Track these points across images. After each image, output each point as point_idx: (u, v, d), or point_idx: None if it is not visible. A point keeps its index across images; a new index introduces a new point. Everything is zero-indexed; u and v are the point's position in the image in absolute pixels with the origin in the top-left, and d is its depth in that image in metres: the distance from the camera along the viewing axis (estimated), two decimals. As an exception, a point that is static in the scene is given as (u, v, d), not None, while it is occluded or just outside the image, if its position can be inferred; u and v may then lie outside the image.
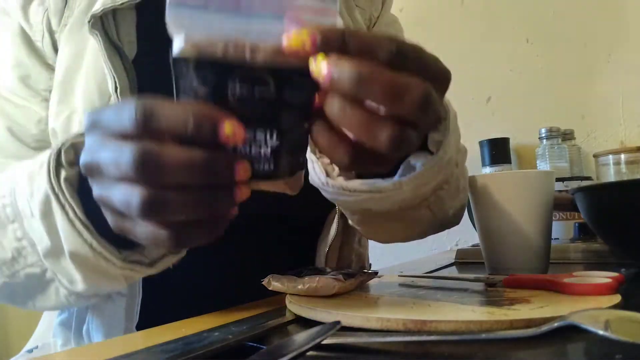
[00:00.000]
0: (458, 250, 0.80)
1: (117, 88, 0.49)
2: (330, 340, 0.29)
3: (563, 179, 0.96)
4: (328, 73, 0.29)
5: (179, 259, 0.44)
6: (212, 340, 0.33)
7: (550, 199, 0.54)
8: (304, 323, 0.36)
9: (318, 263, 0.60)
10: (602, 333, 0.25)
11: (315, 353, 0.29)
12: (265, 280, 0.43)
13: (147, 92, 0.51)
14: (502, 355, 0.27)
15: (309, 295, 0.40)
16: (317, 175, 0.42)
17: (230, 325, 0.38)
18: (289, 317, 0.39)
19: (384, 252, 1.09)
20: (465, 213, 0.56)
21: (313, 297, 0.40)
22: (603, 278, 0.38)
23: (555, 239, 0.81)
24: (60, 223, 0.39)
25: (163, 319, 0.42)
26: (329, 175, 0.42)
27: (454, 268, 0.72)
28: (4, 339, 1.57)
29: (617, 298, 0.35)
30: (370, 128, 0.30)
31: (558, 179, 0.94)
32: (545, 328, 0.28)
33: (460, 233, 1.26)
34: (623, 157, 0.98)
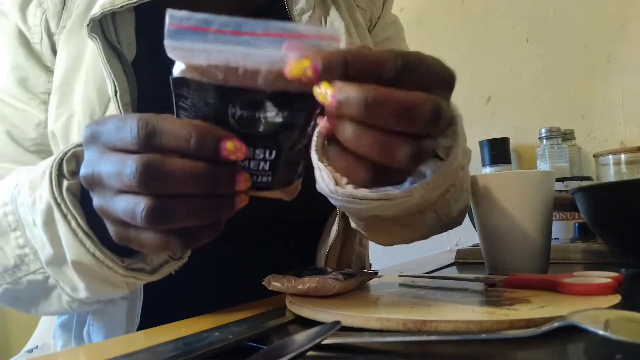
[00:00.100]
0: (458, 250, 0.80)
1: (116, 92, 0.48)
2: (330, 340, 0.29)
3: (563, 179, 0.96)
4: (334, 101, 0.29)
5: (180, 266, 0.44)
6: (212, 340, 0.33)
7: (550, 199, 0.54)
8: (304, 323, 0.36)
9: (318, 263, 0.60)
10: (602, 333, 0.25)
11: (315, 353, 0.29)
12: (265, 280, 0.43)
13: (147, 94, 0.51)
14: (502, 355, 0.27)
15: (309, 295, 0.40)
16: (325, 184, 0.41)
17: (230, 325, 0.38)
18: (289, 317, 0.39)
19: (384, 252, 1.08)
20: (466, 213, 0.56)
21: (313, 297, 0.40)
22: (603, 278, 0.38)
23: (555, 239, 0.81)
24: (63, 232, 0.39)
25: (164, 321, 0.42)
26: (338, 184, 0.41)
27: (454, 268, 0.72)
28: (4, 339, 1.57)
29: (617, 298, 0.35)
30: (386, 148, 0.30)
31: (558, 179, 0.94)
32: (545, 328, 0.28)
33: (460, 233, 1.26)
34: (623, 157, 0.98)
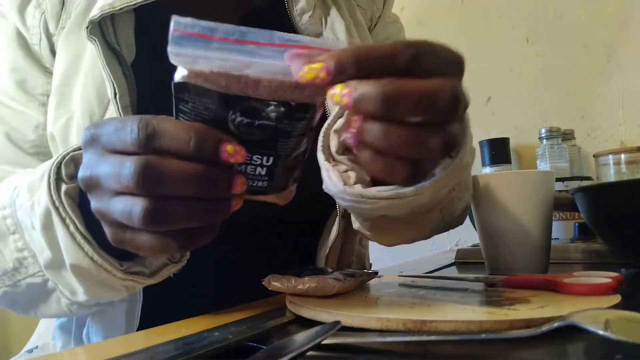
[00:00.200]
0: (458, 250, 0.80)
1: (116, 94, 0.48)
2: (330, 340, 0.29)
3: (563, 179, 0.96)
4: (350, 100, 0.28)
5: (179, 269, 0.44)
6: (212, 340, 0.33)
7: (550, 199, 0.54)
8: (304, 323, 0.36)
9: (318, 263, 0.60)
10: (602, 333, 0.25)
11: (315, 353, 0.29)
12: (265, 280, 0.43)
13: (147, 95, 0.51)
14: (502, 355, 0.27)
15: (309, 295, 0.40)
16: (333, 184, 0.41)
17: (230, 325, 0.38)
18: (289, 317, 0.39)
19: (384, 252, 1.08)
20: (465, 213, 0.55)
21: (313, 297, 0.40)
22: (603, 278, 0.38)
23: (555, 239, 0.81)
24: (61, 236, 0.39)
25: (163, 323, 0.41)
26: (346, 184, 0.41)
27: (454, 268, 0.72)
28: (4, 339, 1.57)
29: (617, 298, 0.35)
30: (417, 140, 0.30)
31: (558, 179, 0.94)
32: (545, 328, 0.28)
33: (460, 233, 1.26)
34: (623, 157, 0.98)
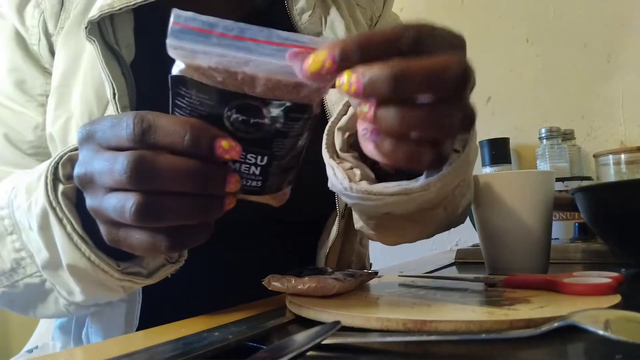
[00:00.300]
0: (458, 250, 0.80)
1: (114, 94, 0.48)
2: (330, 340, 0.29)
3: (563, 179, 0.96)
4: (359, 86, 0.28)
5: (177, 269, 0.44)
6: (212, 340, 0.33)
7: (550, 199, 0.54)
8: (304, 323, 0.36)
9: (318, 263, 0.60)
10: (602, 333, 0.25)
11: (315, 353, 0.29)
12: (265, 280, 0.43)
13: (146, 95, 0.51)
14: (502, 355, 0.27)
15: (309, 295, 0.40)
16: (338, 181, 0.41)
17: (230, 325, 0.38)
18: (289, 317, 0.39)
19: (384, 252, 1.08)
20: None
21: (313, 297, 0.40)
22: (603, 278, 0.38)
23: (555, 239, 0.81)
24: (58, 236, 0.39)
25: (163, 323, 0.41)
26: (352, 181, 0.40)
27: (454, 268, 0.72)
28: (4, 339, 1.57)
29: (617, 298, 0.35)
30: (435, 118, 0.29)
31: (558, 179, 0.94)
32: (545, 328, 0.28)
33: (460, 233, 1.26)
34: (623, 157, 0.98)
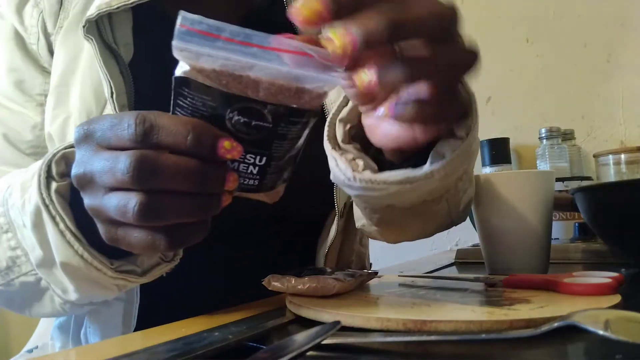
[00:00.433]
0: (458, 250, 0.80)
1: (112, 93, 0.48)
2: (330, 340, 0.29)
3: (563, 179, 0.96)
4: (355, 42, 0.27)
5: (172, 268, 0.44)
6: (212, 340, 0.33)
7: (550, 199, 0.54)
8: (304, 323, 0.36)
9: (318, 263, 0.60)
10: (602, 333, 0.25)
11: (315, 353, 0.29)
12: (265, 280, 0.43)
13: (144, 95, 0.51)
14: (502, 355, 0.27)
15: (309, 295, 0.40)
16: (341, 172, 0.40)
17: (230, 325, 0.38)
18: (289, 317, 0.39)
19: (384, 251, 1.09)
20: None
21: (313, 297, 0.40)
22: (603, 278, 0.38)
23: (555, 239, 0.81)
24: (51, 234, 0.39)
25: (161, 323, 0.41)
26: (355, 170, 0.40)
27: (454, 268, 0.72)
28: (4, 339, 1.57)
29: (617, 298, 0.35)
30: (441, 58, 0.30)
31: (558, 179, 0.94)
32: (545, 328, 0.28)
33: (460, 233, 1.26)
34: (623, 157, 0.98)
